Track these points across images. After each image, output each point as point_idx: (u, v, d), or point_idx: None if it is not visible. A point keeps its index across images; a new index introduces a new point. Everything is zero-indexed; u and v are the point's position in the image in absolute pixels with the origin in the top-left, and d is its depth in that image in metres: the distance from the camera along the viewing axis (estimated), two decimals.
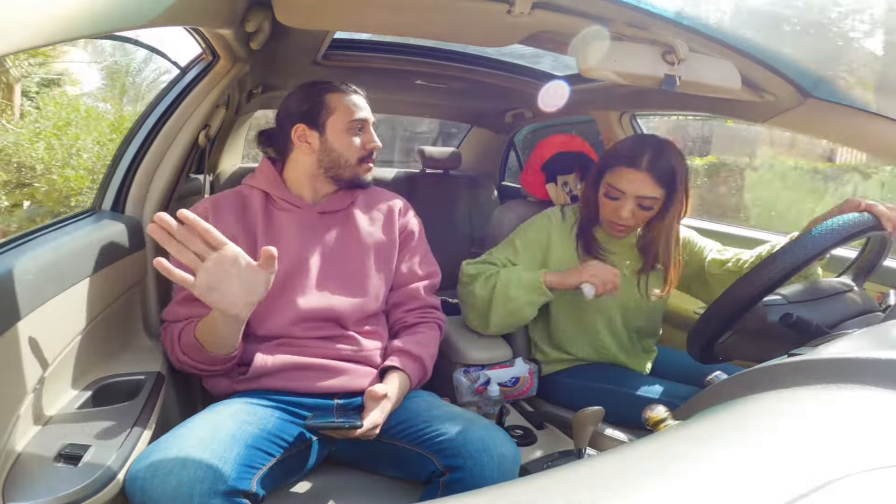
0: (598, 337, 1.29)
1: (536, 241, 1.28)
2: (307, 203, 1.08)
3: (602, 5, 0.91)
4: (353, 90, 1.09)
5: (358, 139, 1.08)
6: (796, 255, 0.85)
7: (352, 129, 1.07)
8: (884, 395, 0.36)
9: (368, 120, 1.09)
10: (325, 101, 1.06)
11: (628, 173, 1.14)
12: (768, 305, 0.90)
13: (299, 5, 0.97)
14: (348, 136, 1.07)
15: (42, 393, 0.77)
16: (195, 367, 0.96)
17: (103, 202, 1.17)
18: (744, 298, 0.88)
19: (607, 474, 0.31)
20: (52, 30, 0.47)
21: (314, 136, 1.06)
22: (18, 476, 0.66)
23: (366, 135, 1.09)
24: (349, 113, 1.06)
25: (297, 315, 1.01)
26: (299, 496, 0.91)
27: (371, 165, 1.11)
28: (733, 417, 0.37)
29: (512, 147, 2.71)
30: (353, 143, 1.07)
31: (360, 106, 1.08)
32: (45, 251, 0.80)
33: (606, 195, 1.19)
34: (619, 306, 1.28)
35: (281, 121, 1.11)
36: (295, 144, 1.07)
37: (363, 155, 1.09)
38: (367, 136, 1.09)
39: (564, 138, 1.51)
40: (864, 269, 1.02)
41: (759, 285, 0.86)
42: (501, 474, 0.85)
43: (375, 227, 1.12)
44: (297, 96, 1.09)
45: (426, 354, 1.07)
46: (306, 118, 1.06)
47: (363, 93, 1.12)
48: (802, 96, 1.13)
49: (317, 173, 1.08)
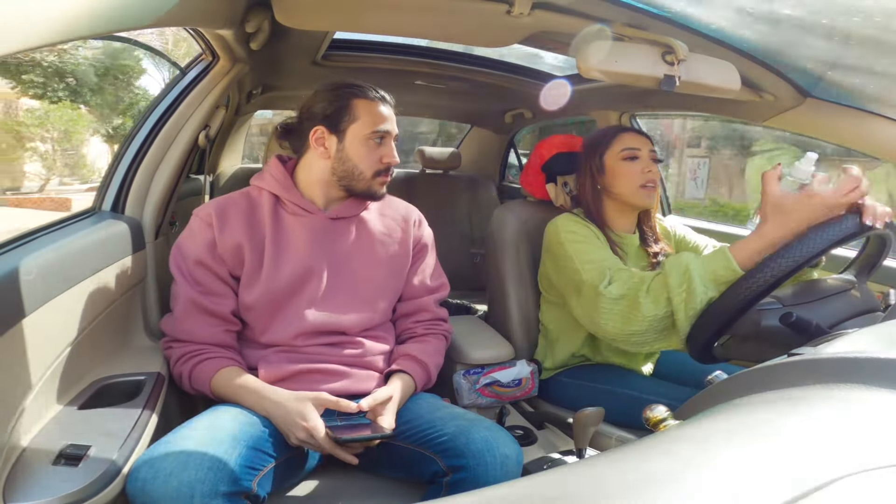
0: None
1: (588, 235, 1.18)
2: (318, 208, 1.05)
3: (602, 5, 0.91)
4: (381, 97, 1.04)
5: (377, 151, 1.03)
6: (797, 254, 0.85)
7: (372, 139, 1.02)
8: (884, 394, 0.36)
9: (391, 133, 1.04)
10: (351, 105, 1.01)
11: (630, 135, 1.23)
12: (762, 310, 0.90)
13: (299, 6, 0.97)
14: (367, 146, 1.02)
15: (42, 393, 0.77)
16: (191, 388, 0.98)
17: (103, 202, 1.17)
18: (743, 298, 0.88)
19: (607, 474, 0.31)
20: (52, 30, 0.47)
21: (332, 140, 1.01)
22: (19, 476, 0.66)
23: (385, 148, 1.04)
24: (373, 122, 1.01)
25: (303, 328, 1.00)
26: (301, 497, 0.91)
27: (387, 180, 1.06)
28: (733, 417, 0.37)
29: (512, 147, 2.71)
30: (370, 154, 1.02)
31: (386, 117, 1.03)
32: (46, 251, 0.80)
33: (627, 159, 1.21)
34: None
35: (301, 119, 1.06)
36: (311, 146, 1.03)
37: (380, 169, 1.03)
38: (386, 150, 1.04)
39: (564, 138, 1.51)
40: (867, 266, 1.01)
41: (759, 285, 0.86)
42: (504, 474, 0.85)
43: (389, 237, 1.10)
44: (322, 95, 1.03)
45: (431, 362, 1.07)
46: (328, 121, 1.01)
47: (392, 101, 1.06)
48: (802, 96, 1.13)
49: (329, 180, 1.04)
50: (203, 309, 0.98)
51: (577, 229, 1.19)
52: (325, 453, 0.89)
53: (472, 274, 2.34)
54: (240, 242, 0.99)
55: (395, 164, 1.06)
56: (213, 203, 1.03)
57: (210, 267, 0.98)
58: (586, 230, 1.19)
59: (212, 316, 0.98)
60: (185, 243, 1.00)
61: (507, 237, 1.34)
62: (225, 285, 1.00)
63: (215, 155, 2.13)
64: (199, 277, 0.98)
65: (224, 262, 0.99)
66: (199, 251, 0.98)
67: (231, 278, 1.01)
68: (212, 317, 0.98)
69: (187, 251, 0.99)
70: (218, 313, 0.99)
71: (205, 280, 0.99)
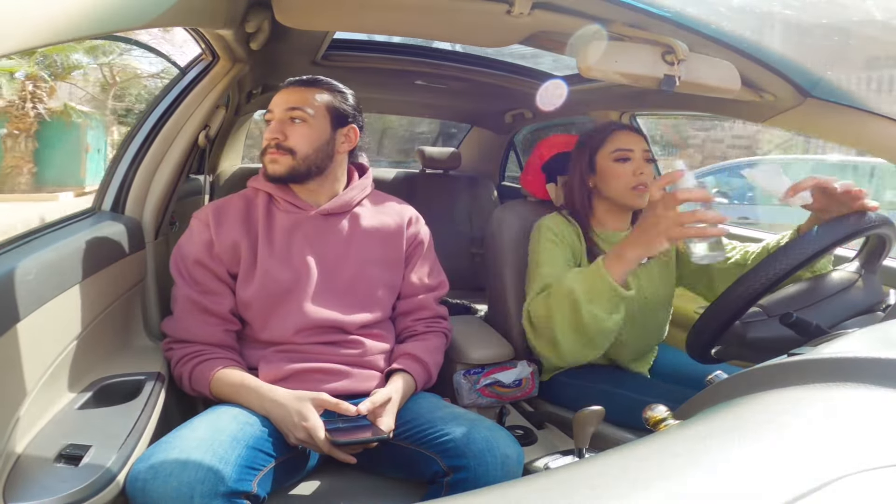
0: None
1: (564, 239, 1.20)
2: (309, 205, 1.06)
3: (602, 5, 0.91)
4: (287, 84, 1.06)
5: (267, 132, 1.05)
6: (797, 253, 0.85)
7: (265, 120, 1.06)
8: (884, 394, 0.36)
9: (273, 111, 1.04)
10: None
11: (623, 134, 1.21)
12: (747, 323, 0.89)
13: (299, 6, 0.97)
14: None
15: (42, 393, 0.77)
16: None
17: (103, 202, 1.17)
18: (743, 297, 0.88)
19: (608, 474, 0.31)
20: (52, 30, 0.47)
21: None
22: (19, 476, 0.66)
23: (268, 127, 1.05)
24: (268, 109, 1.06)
25: (301, 324, 1.00)
26: (301, 497, 0.91)
27: (272, 157, 1.03)
28: (733, 417, 0.37)
29: (512, 147, 2.71)
30: (265, 135, 1.06)
31: (274, 102, 1.05)
32: (46, 251, 0.80)
33: (619, 160, 1.20)
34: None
35: None
36: None
37: (263, 147, 1.05)
38: (268, 129, 1.05)
39: (564, 138, 1.51)
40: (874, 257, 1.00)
41: (759, 284, 0.86)
42: (505, 474, 0.85)
43: (382, 233, 1.11)
44: None
45: (432, 361, 1.08)
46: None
47: (295, 85, 1.06)
48: (802, 96, 1.13)
49: None
50: (202, 308, 0.98)
51: (560, 230, 1.21)
52: (324, 453, 0.90)
53: (472, 274, 2.33)
54: (236, 240, 1.00)
55: (269, 140, 1.03)
56: (211, 205, 1.06)
57: (208, 266, 1.00)
58: (566, 233, 1.20)
59: (211, 315, 0.99)
60: (185, 245, 1.02)
61: (507, 237, 1.34)
62: (223, 284, 1.01)
63: (215, 155, 2.13)
64: (198, 277, 1.00)
65: (222, 260, 1.00)
66: (197, 251, 1.00)
67: (229, 277, 1.02)
68: (211, 316, 0.99)
69: (186, 252, 1.01)
70: (217, 312, 0.99)
71: (203, 279, 1.00)
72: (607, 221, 1.25)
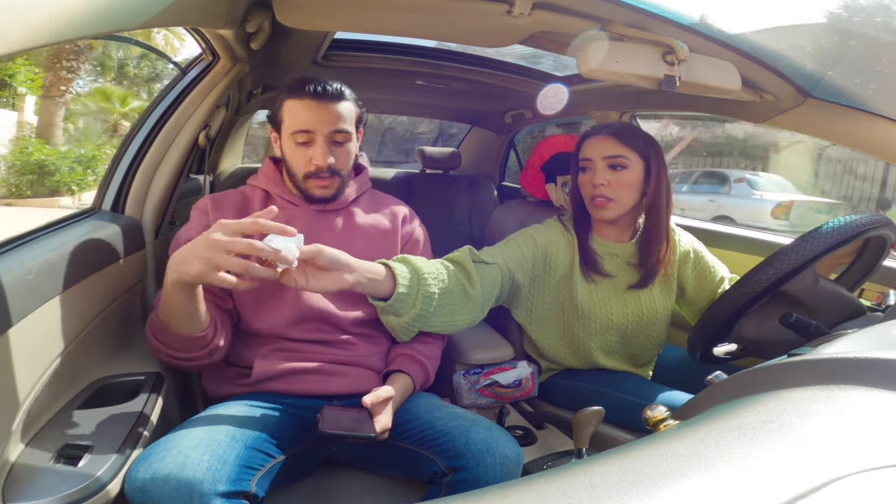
0: (593, 358, 1.23)
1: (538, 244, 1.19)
2: (303, 202, 1.07)
3: (602, 6, 0.91)
4: (313, 93, 0.98)
5: (305, 153, 1.00)
6: (797, 254, 0.85)
7: (296, 140, 1.00)
8: (884, 395, 0.36)
9: (314, 132, 0.99)
10: (283, 105, 1.01)
11: (591, 141, 1.16)
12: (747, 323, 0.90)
13: (299, 6, 0.97)
14: (294, 147, 1.00)
15: (42, 393, 0.77)
16: (168, 355, 0.89)
17: (103, 202, 1.17)
18: (744, 299, 0.88)
19: (607, 474, 0.31)
20: (52, 30, 0.47)
21: (279, 140, 1.05)
22: (18, 476, 0.66)
23: (312, 149, 1.00)
24: (294, 123, 0.99)
25: (294, 314, 1.00)
26: (300, 497, 0.91)
27: (325, 183, 1.02)
28: (733, 417, 0.37)
29: (512, 147, 2.71)
30: (298, 155, 1.01)
31: (306, 117, 0.98)
32: (45, 251, 0.80)
33: (581, 170, 1.18)
34: (616, 330, 1.20)
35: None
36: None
37: (309, 171, 1.01)
38: (313, 151, 1.00)
39: (564, 139, 1.51)
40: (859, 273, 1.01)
41: (759, 285, 0.86)
42: (504, 475, 0.85)
43: (376, 230, 1.11)
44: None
45: (429, 360, 1.07)
46: (273, 121, 1.05)
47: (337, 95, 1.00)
48: (802, 96, 1.13)
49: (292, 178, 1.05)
50: None
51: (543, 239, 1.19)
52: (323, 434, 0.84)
53: None
54: None
55: (322, 166, 0.99)
56: (210, 196, 1.07)
57: None
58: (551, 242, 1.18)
59: None
60: (184, 234, 1.01)
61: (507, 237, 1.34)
62: None
63: (215, 155, 2.13)
64: None
65: None
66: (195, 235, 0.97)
67: None
68: None
69: (185, 239, 0.98)
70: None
71: None
72: (604, 231, 1.22)
